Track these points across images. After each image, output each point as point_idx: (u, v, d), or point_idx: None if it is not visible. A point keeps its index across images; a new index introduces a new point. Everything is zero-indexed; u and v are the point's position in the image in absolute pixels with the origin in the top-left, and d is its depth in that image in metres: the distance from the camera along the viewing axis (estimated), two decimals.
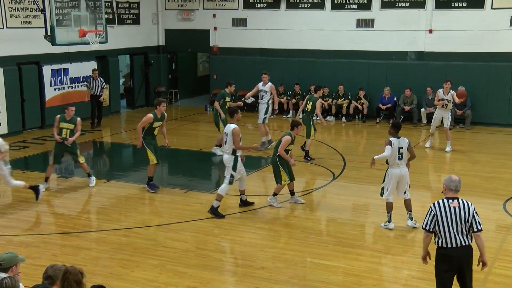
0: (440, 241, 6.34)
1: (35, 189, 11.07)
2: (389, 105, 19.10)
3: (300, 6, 20.55)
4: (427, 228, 6.36)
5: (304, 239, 9.38)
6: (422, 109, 18.66)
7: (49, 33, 14.49)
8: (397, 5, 19.43)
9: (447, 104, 15.11)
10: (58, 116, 11.86)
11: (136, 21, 21.50)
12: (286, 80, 20.58)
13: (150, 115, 11.52)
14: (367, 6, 19.74)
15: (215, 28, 21.87)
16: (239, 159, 10.40)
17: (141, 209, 11.04)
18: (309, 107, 14.21)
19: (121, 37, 20.24)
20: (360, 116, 19.88)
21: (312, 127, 14.08)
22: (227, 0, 21.51)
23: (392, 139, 9.63)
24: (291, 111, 20.47)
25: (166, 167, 14.63)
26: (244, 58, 21.33)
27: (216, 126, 14.76)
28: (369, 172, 13.26)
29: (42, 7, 14.65)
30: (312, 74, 20.19)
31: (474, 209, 6.32)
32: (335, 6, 20.12)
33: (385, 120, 19.45)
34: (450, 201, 6.32)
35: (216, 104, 14.62)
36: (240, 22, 21.44)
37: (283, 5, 20.76)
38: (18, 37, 16.57)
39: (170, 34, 22.64)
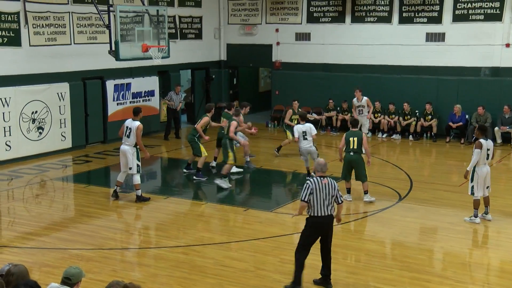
0: (312, 211, 7.82)
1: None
2: (460, 123, 18.22)
3: (366, 20, 20.05)
4: (305, 200, 7.81)
5: (368, 262, 9.01)
6: (496, 128, 17.71)
7: (113, 48, 14.63)
8: (470, 18, 18.55)
9: (362, 110, 17.37)
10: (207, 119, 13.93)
11: (198, 35, 21.56)
12: (349, 97, 20.04)
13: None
14: (437, 20, 18.97)
15: (278, 43, 21.68)
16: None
17: (200, 226, 10.88)
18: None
19: (183, 52, 20.30)
20: (428, 135, 19.09)
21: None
22: (290, 14, 21.29)
23: (482, 140, 10.53)
24: None
25: None
26: (307, 74, 20.98)
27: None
28: (438, 194, 12.71)
29: (107, 23, 14.83)
30: (377, 91, 19.53)
31: (338, 187, 7.99)
32: (403, 20, 19.49)
33: (455, 139, 18.54)
34: (322, 178, 7.91)
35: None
36: (303, 37, 21.13)
37: (348, 19, 20.32)
38: (84, 53, 16.86)
39: (232, 48, 22.59)
